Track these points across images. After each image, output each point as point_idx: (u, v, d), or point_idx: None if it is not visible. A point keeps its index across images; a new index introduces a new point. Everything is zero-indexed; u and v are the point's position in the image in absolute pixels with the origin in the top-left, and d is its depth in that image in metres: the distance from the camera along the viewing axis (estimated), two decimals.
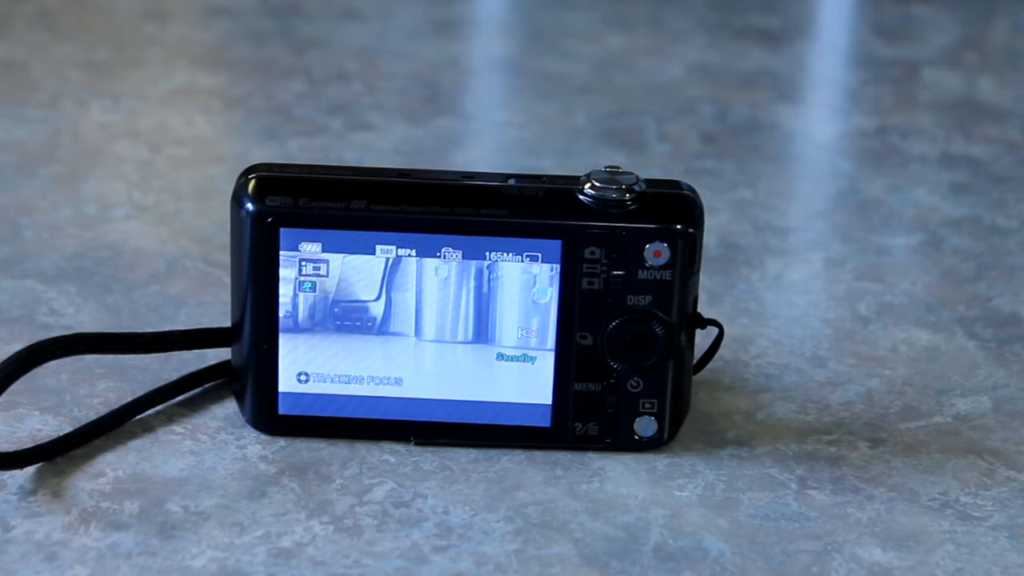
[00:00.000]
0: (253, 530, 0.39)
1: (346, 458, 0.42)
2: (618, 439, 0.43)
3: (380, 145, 0.66)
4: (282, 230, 0.41)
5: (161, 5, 0.85)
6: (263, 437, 0.43)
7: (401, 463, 0.42)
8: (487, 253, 0.41)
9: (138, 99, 0.70)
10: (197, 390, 0.45)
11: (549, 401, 0.42)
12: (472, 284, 0.42)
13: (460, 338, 0.42)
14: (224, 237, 0.55)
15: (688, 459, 0.43)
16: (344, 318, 0.42)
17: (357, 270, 0.42)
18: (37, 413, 0.44)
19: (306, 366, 0.42)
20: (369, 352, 0.42)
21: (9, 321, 0.49)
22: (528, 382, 0.42)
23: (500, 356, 0.42)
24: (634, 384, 0.42)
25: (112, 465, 0.41)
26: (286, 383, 0.42)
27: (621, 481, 0.42)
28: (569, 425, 0.43)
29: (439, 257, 0.41)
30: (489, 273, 0.42)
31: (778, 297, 0.53)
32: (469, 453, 0.42)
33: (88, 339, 0.43)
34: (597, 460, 0.42)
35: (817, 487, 0.42)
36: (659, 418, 0.43)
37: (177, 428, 0.43)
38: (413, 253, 0.41)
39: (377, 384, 0.42)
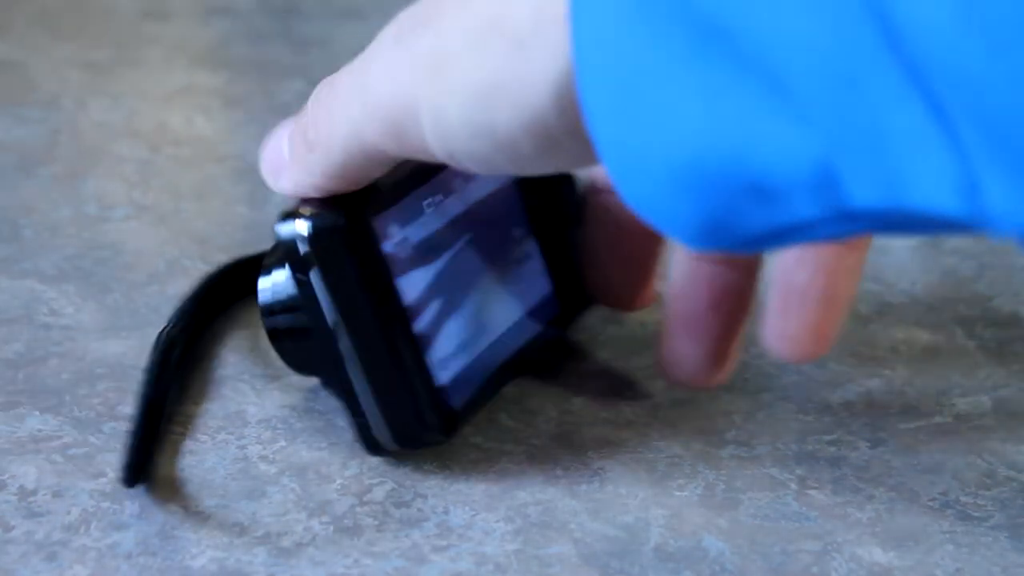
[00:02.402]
0: (253, 530, 0.39)
1: (346, 458, 0.42)
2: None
3: None
4: (375, 219, 0.39)
5: (161, 5, 0.85)
6: (263, 437, 0.43)
7: (401, 463, 0.42)
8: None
9: (138, 99, 0.70)
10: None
11: (551, 288, 0.45)
12: None
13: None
14: (224, 237, 0.55)
15: (688, 459, 0.43)
16: None
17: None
18: (37, 413, 0.44)
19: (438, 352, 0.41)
20: (471, 311, 0.43)
21: (8, 321, 0.49)
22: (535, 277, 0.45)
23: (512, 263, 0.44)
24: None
25: (112, 465, 0.41)
26: (441, 376, 0.41)
27: (621, 481, 0.42)
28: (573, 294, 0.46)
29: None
30: None
31: None
32: (469, 453, 0.43)
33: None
34: (597, 460, 0.42)
35: (817, 487, 0.42)
36: None
37: (177, 428, 0.43)
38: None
39: (479, 341, 0.42)
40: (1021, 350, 0.50)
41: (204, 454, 0.42)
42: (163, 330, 0.44)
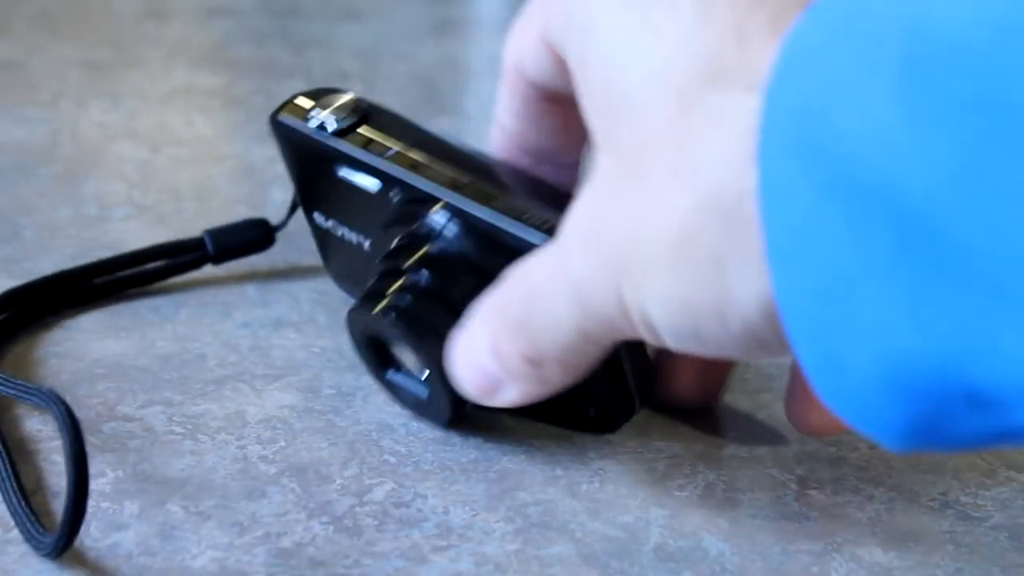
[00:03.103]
0: (253, 530, 0.39)
1: (346, 458, 0.42)
2: None
3: None
4: None
5: (161, 5, 0.85)
6: (263, 437, 0.43)
7: (401, 463, 0.42)
8: None
9: (138, 99, 0.70)
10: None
11: None
12: None
13: None
14: None
15: (688, 459, 0.43)
16: None
17: None
18: (37, 413, 0.44)
19: None
20: None
21: None
22: None
23: None
24: None
25: (112, 465, 0.41)
26: None
27: (621, 481, 0.42)
28: None
29: None
30: None
31: None
32: (469, 453, 0.42)
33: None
34: (597, 460, 0.42)
35: (817, 487, 0.42)
36: None
37: (177, 428, 0.43)
38: None
39: None
40: None
41: (204, 454, 0.42)
42: None
